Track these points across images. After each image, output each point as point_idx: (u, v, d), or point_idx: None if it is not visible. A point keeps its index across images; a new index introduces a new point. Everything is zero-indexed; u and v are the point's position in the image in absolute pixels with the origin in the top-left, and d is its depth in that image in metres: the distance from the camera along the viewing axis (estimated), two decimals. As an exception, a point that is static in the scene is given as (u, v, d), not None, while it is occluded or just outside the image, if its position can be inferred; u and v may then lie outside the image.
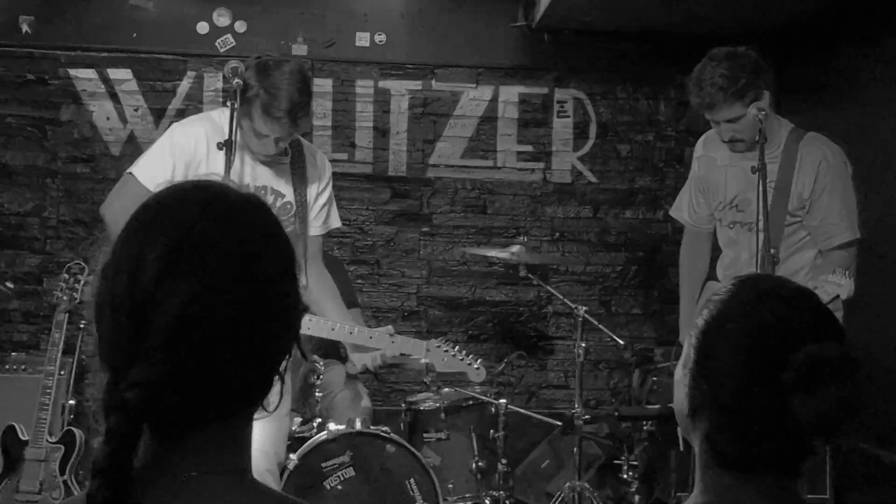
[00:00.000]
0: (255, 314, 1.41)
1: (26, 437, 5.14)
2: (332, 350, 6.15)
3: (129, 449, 1.30)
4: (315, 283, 4.56)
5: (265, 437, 4.33)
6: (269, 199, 4.40)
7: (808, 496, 5.72)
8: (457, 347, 4.72)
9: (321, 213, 4.60)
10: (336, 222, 4.76)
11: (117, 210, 4.26)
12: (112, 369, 1.37)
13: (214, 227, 1.42)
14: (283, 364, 1.47)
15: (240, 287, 1.40)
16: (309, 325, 4.40)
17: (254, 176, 4.40)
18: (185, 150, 4.31)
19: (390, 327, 4.53)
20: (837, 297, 4.13)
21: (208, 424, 1.40)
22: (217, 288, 1.38)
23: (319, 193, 4.56)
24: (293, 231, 4.47)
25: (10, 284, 5.61)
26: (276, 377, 1.47)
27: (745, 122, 4.38)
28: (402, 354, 4.76)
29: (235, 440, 1.45)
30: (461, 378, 6.49)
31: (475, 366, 4.68)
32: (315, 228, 4.58)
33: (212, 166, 4.18)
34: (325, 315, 4.52)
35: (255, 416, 1.48)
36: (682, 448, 4.98)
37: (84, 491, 1.32)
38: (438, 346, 4.59)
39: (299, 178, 4.46)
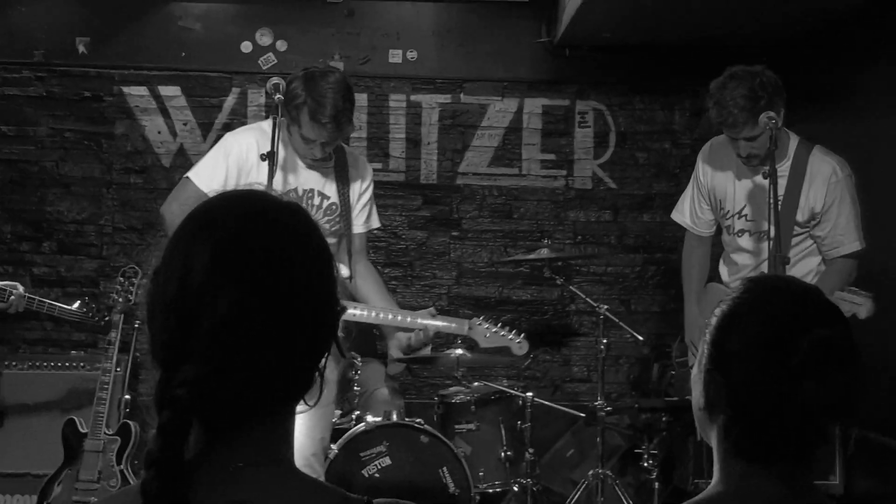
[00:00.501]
0: (296, 315, 1.42)
1: (85, 430, 5.17)
2: (370, 348, 6.16)
3: (180, 442, 1.31)
4: (360, 276, 4.60)
5: (311, 423, 4.37)
6: (316, 200, 4.46)
7: (819, 482, 5.71)
8: (499, 324, 4.65)
9: (363, 212, 4.62)
10: (376, 223, 4.78)
11: (175, 210, 4.32)
12: (163, 367, 1.38)
13: (257, 235, 1.43)
14: (323, 361, 1.47)
15: (281, 290, 1.40)
16: (355, 313, 4.42)
17: (302, 180, 4.44)
18: (238, 157, 4.37)
19: (432, 308, 4.52)
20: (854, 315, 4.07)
21: (254, 418, 1.41)
22: (260, 292, 1.38)
23: (361, 194, 4.60)
24: (339, 230, 4.50)
25: (103, 318, 5.65)
26: (317, 373, 1.47)
27: (763, 139, 4.32)
28: (458, 338, 4.70)
29: (279, 433, 1.45)
30: (493, 372, 6.52)
31: (517, 340, 4.60)
32: (358, 227, 4.61)
33: (262, 173, 4.21)
34: (371, 303, 4.53)
35: (298, 409, 1.48)
36: (699, 438, 4.95)
37: (139, 480, 1.33)
38: (480, 324, 4.54)
39: (343, 181, 4.50)
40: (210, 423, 1.39)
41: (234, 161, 4.37)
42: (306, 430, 4.35)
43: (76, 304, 5.48)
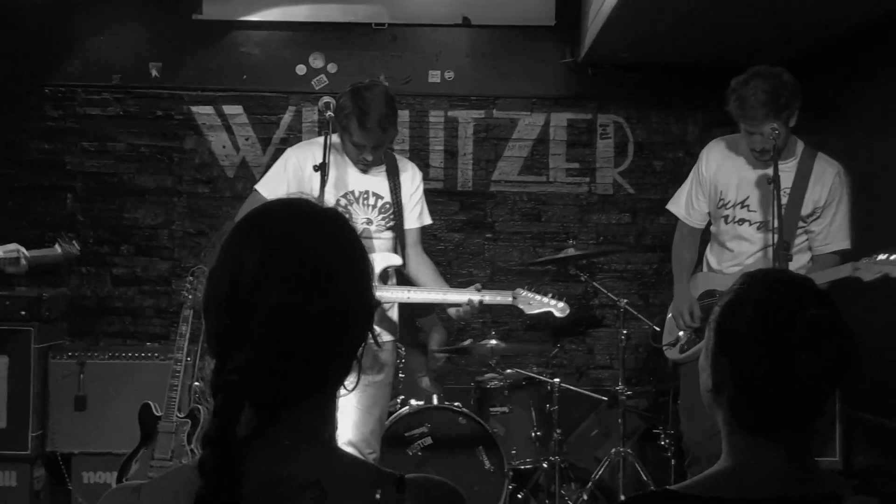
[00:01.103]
0: (335, 310, 1.42)
1: (159, 413, 5.19)
2: (412, 339, 6.17)
3: (233, 422, 1.31)
4: (414, 264, 4.60)
5: (371, 401, 4.40)
6: (371, 200, 4.47)
7: (820, 459, 5.64)
8: (541, 292, 4.58)
9: (415, 209, 4.61)
10: (427, 219, 4.74)
11: None
12: (218, 357, 1.38)
13: (301, 238, 1.44)
14: (360, 350, 1.47)
15: (322, 288, 1.41)
16: (410, 296, 4.41)
17: (357, 184, 4.45)
18: (296, 169, 4.42)
19: (478, 284, 4.49)
20: (886, 275, 3.99)
21: (298, 401, 1.41)
22: (303, 289, 1.39)
23: (412, 193, 4.59)
24: (394, 225, 4.52)
25: (76, 245, 5.56)
26: (354, 361, 1.47)
27: (781, 136, 4.26)
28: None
29: (321, 414, 1.45)
30: (524, 360, 6.51)
31: (559, 304, 4.53)
32: (411, 222, 4.60)
33: (318, 182, 4.23)
34: (425, 285, 4.53)
35: (340, 392, 1.48)
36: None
37: (197, 457, 1.34)
38: (524, 294, 4.49)
39: (394, 182, 4.51)
40: (259, 406, 1.39)
41: (292, 173, 4.42)
42: (366, 407, 4.38)
43: (56, 247, 5.45)
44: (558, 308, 4.46)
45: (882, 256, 4.02)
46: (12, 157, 7.10)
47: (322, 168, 4.18)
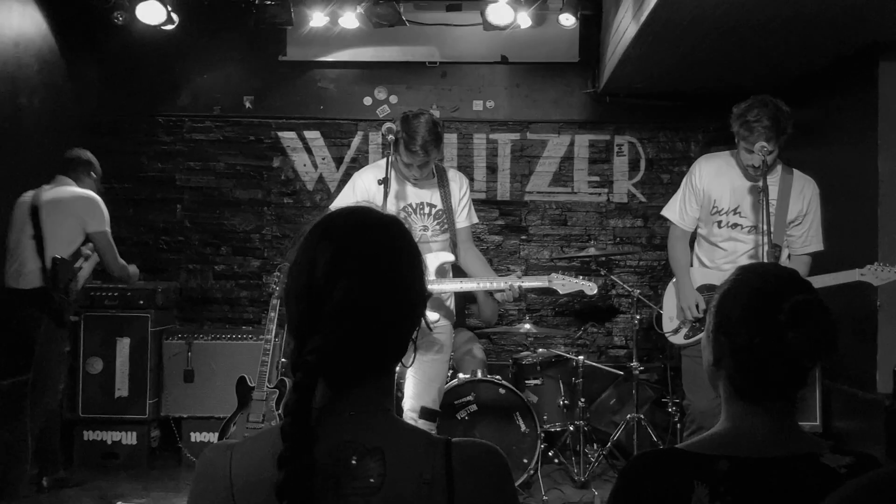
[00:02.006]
0: (393, 300, 1.40)
1: (252, 384, 5.22)
2: (461, 320, 6.16)
3: (309, 395, 1.30)
4: (465, 257, 4.56)
5: (431, 375, 4.39)
6: (426, 210, 4.45)
7: (803, 423, 5.56)
8: (572, 275, 4.53)
9: (463, 211, 4.57)
10: (475, 219, 4.67)
11: None
12: (297, 340, 1.37)
13: (364, 239, 1.42)
14: (414, 333, 1.45)
15: (383, 281, 1.39)
16: (462, 285, 4.40)
17: (414, 197, 4.44)
18: (363, 189, 4.42)
19: (518, 272, 4.45)
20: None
21: (363, 378, 1.40)
22: (368, 282, 1.37)
23: (460, 199, 4.55)
24: (447, 228, 4.49)
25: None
26: (410, 342, 1.45)
27: (774, 154, 4.20)
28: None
29: (383, 388, 1.43)
30: (553, 340, 6.47)
31: (588, 283, 4.46)
32: (461, 222, 4.56)
33: (381, 197, 4.23)
34: (476, 275, 4.48)
35: (398, 369, 1.47)
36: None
37: (278, 424, 1.33)
38: (558, 278, 4.45)
39: (445, 191, 4.49)
40: (331, 382, 1.38)
41: (360, 192, 4.42)
42: (427, 380, 4.37)
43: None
44: (588, 287, 4.41)
45: (892, 267, 4.05)
46: (132, 175, 7.19)
47: (385, 182, 4.19)
